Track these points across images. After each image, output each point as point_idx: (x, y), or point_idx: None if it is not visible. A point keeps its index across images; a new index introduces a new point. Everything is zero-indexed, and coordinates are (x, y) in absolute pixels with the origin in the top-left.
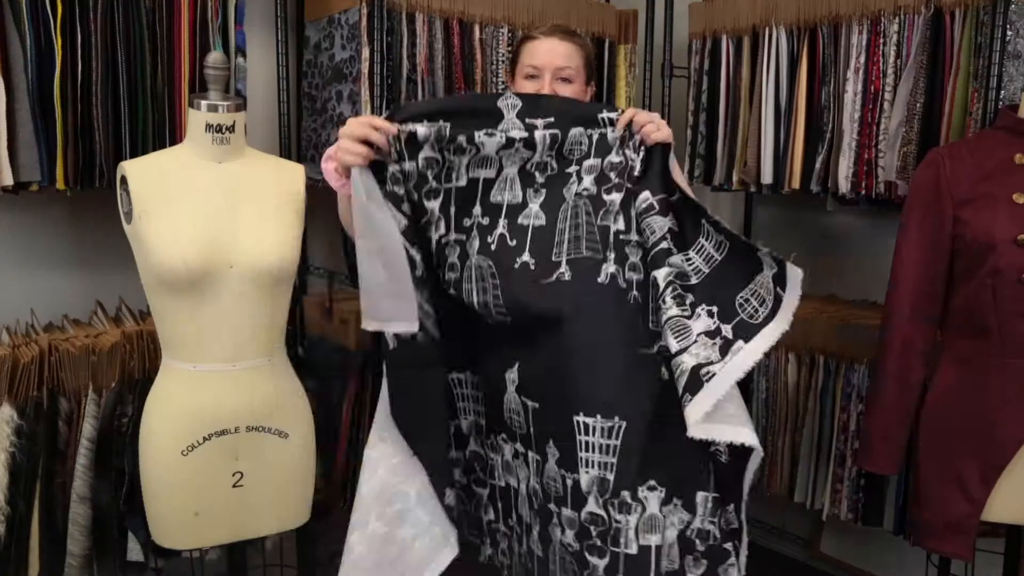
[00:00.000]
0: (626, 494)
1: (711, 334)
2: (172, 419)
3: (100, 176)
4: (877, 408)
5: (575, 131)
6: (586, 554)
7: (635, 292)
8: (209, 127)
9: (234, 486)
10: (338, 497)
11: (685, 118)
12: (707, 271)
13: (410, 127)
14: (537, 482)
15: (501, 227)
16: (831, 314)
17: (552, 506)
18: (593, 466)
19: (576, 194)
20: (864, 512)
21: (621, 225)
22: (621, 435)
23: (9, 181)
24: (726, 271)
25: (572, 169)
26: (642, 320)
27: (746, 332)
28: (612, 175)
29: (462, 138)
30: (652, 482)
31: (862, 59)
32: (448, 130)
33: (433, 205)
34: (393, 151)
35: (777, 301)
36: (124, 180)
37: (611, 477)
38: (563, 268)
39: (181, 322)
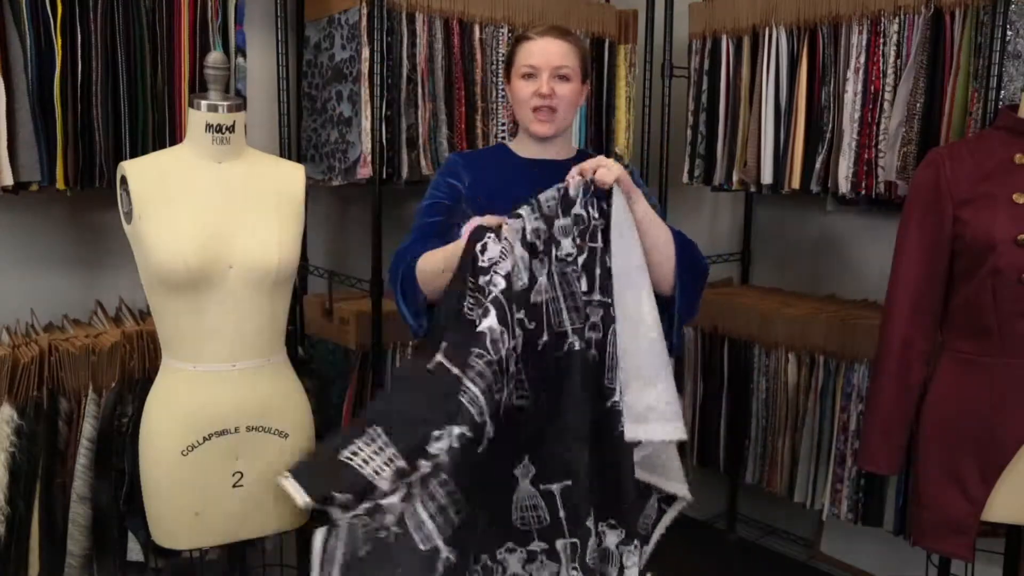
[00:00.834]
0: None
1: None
2: (172, 419)
3: (100, 176)
4: (877, 408)
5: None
6: None
7: (593, 351)
8: (209, 127)
9: (234, 486)
10: None
11: (685, 118)
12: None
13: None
14: (576, 568)
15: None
16: (831, 314)
17: None
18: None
19: (559, 259)
20: (864, 512)
21: (584, 286)
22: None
23: (9, 181)
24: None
25: (555, 229)
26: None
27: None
28: (576, 234)
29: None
30: (612, 520)
31: (862, 59)
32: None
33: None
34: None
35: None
36: (124, 180)
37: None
38: (571, 337)
39: (181, 322)
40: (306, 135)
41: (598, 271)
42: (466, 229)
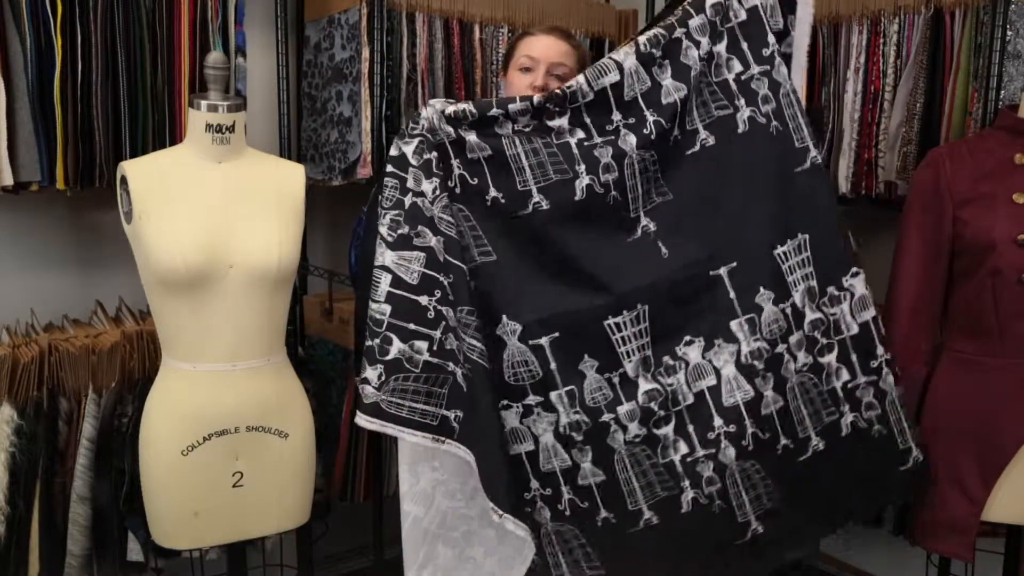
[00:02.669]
0: (667, 359)
1: None
2: (172, 419)
3: (100, 176)
4: None
5: None
6: (653, 430)
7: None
8: (209, 127)
9: (234, 486)
10: (338, 497)
11: None
12: None
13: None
14: (577, 411)
15: None
16: None
17: (605, 418)
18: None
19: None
20: None
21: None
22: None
23: (9, 181)
24: None
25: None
26: None
27: None
28: None
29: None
30: (687, 337)
31: (862, 59)
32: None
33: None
34: None
35: None
36: (124, 180)
37: (649, 352)
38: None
39: (181, 322)
40: (306, 135)
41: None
42: None
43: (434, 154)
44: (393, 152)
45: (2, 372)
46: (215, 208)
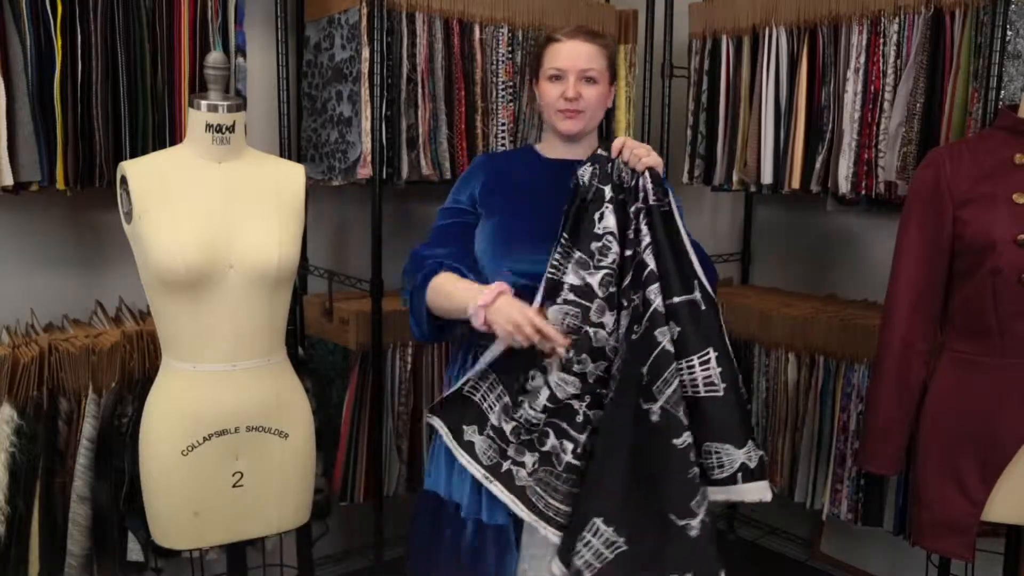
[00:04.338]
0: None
1: None
2: (172, 419)
3: (100, 176)
4: (877, 408)
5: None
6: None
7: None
8: (209, 127)
9: (234, 486)
10: (338, 497)
11: (685, 118)
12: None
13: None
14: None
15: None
16: (831, 314)
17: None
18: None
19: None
20: (864, 512)
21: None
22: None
23: (9, 181)
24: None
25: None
26: None
27: None
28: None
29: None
30: None
31: (862, 59)
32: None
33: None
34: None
35: None
36: (124, 180)
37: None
38: None
39: (181, 322)
40: (306, 135)
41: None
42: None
43: None
44: None
45: (2, 372)
46: (215, 208)
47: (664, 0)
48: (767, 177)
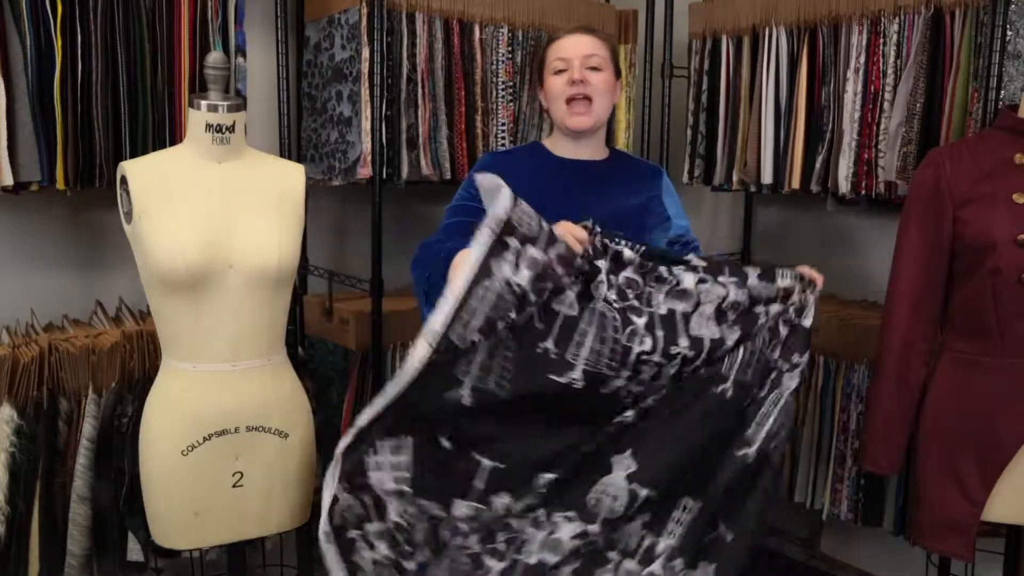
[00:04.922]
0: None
1: None
2: (172, 419)
3: (100, 176)
4: (877, 408)
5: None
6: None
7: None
8: (209, 127)
9: (234, 486)
10: None
11: (685, 118)
12: None
13: (616, 246)
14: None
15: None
16: (831, 314)
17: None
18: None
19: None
20: (864, 512)
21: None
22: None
23: (9, 181)
24: None
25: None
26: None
27: None
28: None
29: (663, 269)
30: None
31: (862, 59)
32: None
33: (639, 322)
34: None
35: None
36: (124, 180)
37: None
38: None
39: (181, 322)
40: (306, 135)
41: None
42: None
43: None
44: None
45: (2, 372)
46: (215, 208)
47: (664, 0)
48: (767, 177)
